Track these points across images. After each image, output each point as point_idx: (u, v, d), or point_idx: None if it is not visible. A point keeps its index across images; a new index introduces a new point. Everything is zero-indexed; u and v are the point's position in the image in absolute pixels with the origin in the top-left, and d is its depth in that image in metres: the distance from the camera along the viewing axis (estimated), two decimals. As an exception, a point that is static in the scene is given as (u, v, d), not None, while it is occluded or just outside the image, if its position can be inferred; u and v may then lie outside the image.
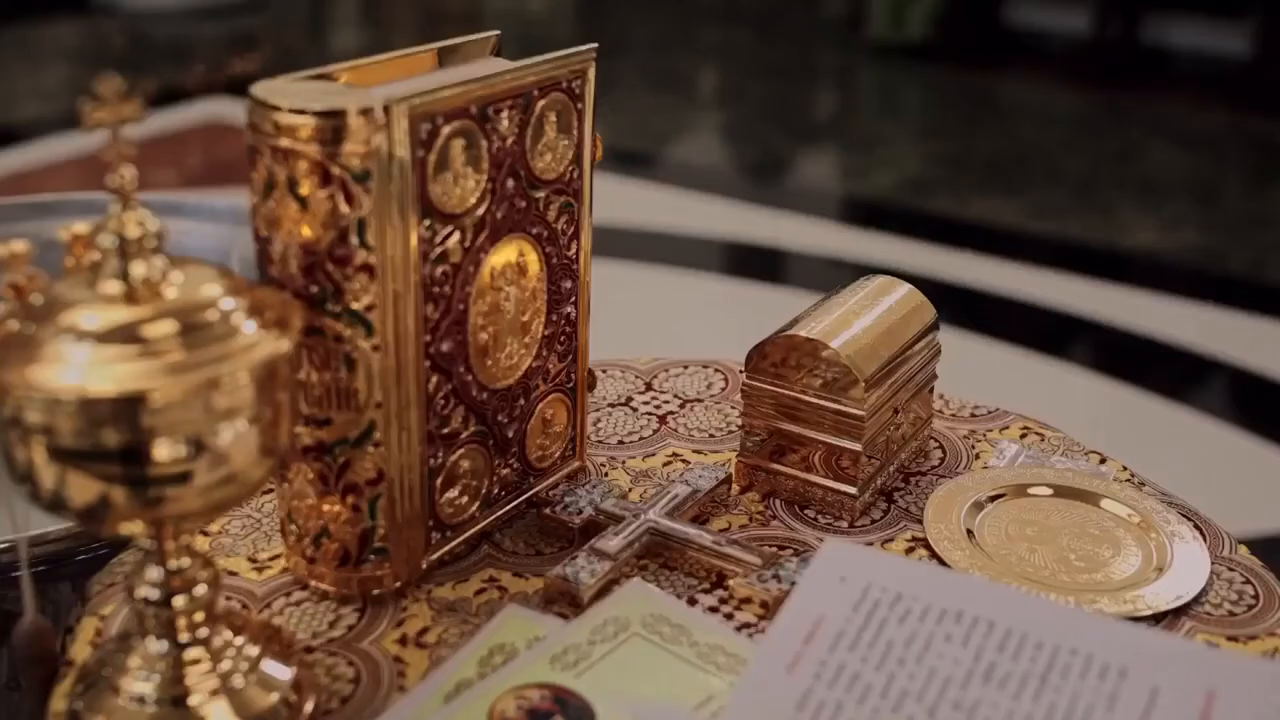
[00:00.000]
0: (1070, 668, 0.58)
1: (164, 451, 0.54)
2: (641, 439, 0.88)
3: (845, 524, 0.79)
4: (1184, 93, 4.40)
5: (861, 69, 5.02)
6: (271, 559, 0.74)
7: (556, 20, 5.94)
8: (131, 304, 0.54)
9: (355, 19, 6.21)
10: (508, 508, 0.77)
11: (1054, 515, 0.80)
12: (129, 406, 0.52)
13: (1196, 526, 0.79)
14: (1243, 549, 0.78)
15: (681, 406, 0.92)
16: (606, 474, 0.83)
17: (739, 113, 4.43)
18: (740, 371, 0.82)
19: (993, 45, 4.87)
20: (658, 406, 0.92)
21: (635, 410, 0.92)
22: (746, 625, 0.70)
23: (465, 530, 0.74)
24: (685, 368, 0.98)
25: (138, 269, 0.54)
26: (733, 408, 0.92)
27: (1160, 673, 0.58)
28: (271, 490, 0.78)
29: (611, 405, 0.92)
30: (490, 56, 0.75)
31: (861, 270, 0.87)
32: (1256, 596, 0.74)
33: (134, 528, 0.57)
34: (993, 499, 0.81)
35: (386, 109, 0.61)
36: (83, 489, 0.54)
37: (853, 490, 0.79)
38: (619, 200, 3.21)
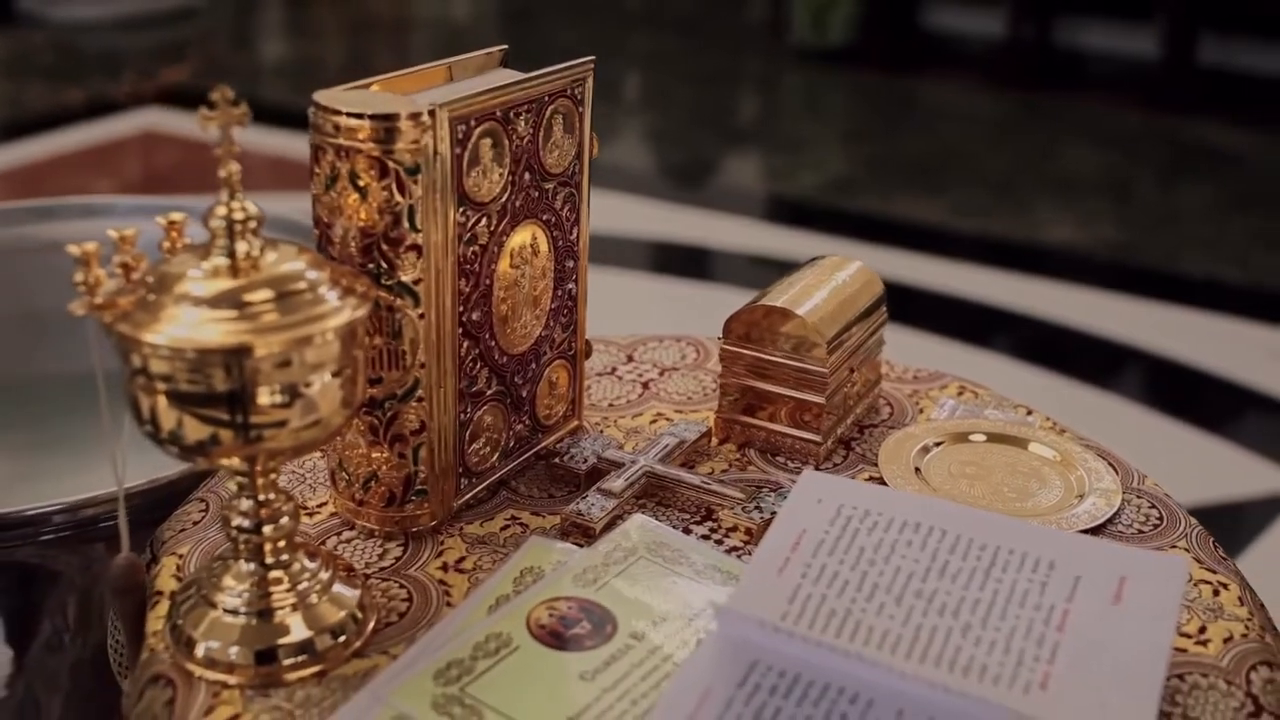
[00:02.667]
0: (1009, 563, 0.71)
1: (264, 398, 0.65)
2: (629, 402, 1.00)
3: (811, 467, 0.92)
4: (1097, 93, 4.61)
5: (785, 73, 5.18)
6: (319, 505, 0.85)
7: (481, 28, 6.03)
8: (235, 276, 0.65)
9: (282, 29, 6.24)
10: (521, 459, 0.89)
11: (989, 457, 0.93)
12: (236, 358, 0.63)
13: (1110, 464, 0.93)
14: (1149, 480, 0.92)
15: (661, 374, 1.04)
16: (602, 431, 0.95)
17: (667, 117, 4.56)
18: (719, 339, 0.94)
19: (912, 49, 5.05)
20: (640, 375, 1.04)
21: (621, 378, 1.03)
22: (735, 549, 0.82)
23: (487, 477, 0.86)
24: (661, 341, 1.10)
25: (241, 246, 0.65)
26: (706, 374, 1.04)
27: (1081, 564, 0.71)
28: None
29: (599, 374, 1.04)
30: (500, 68, 0.86)
31: (792, 267, 0.99)
32: (1161, 518, 0.87)
33: (233, 463, 0.68)
34: (937, 444, 0.94)
35: (432, 113, 0.72)
36: (196, 429, 0.65)
37: (817, 438, 0.91)
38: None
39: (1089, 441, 0.96)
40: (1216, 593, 0.79)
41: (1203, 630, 0.76)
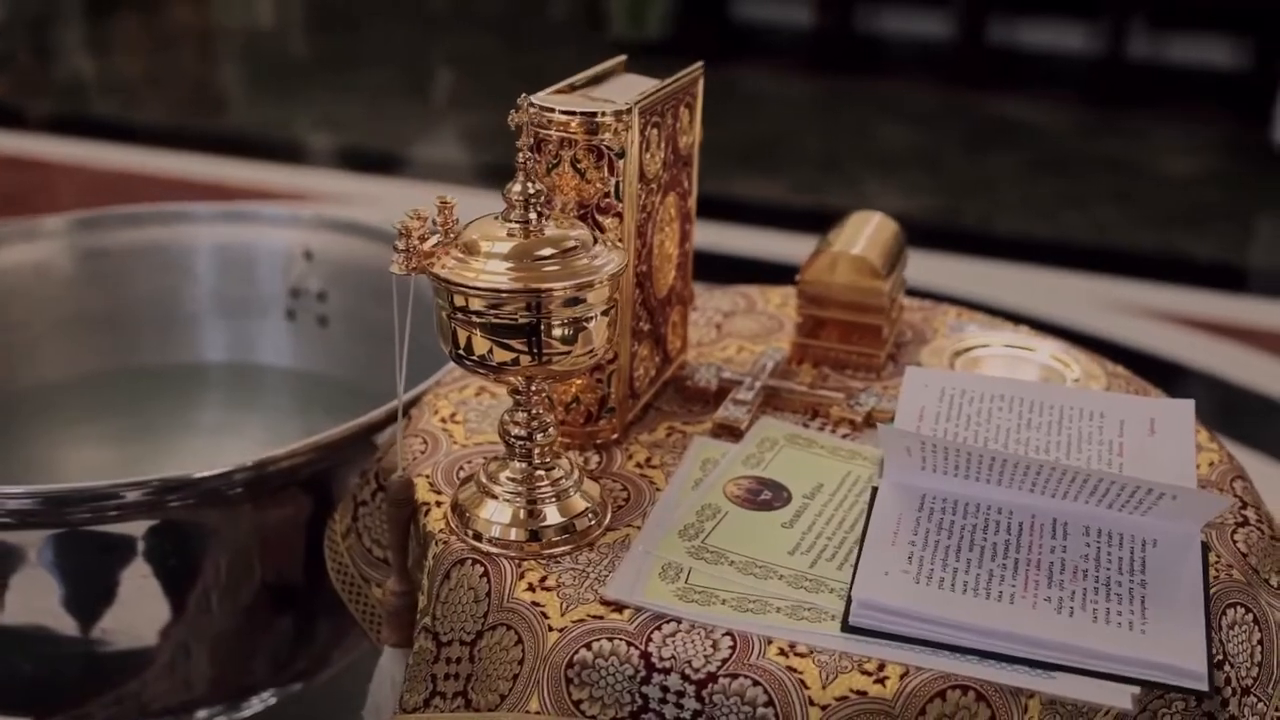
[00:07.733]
0: (1073, 416, 0.98)
1: (556, 330, 0.86)
2: (712, 340, 1.23)
3: (874, 375, 1.17)
4: (899, 74, 5.03)
5: (606, 68, 5.40)
6: (514, 431, 1.05)
7: (287, 34, 6.08)
8: (527, 237, 0.86)
9: (86, 44, 6.13)
10: (658, 385, 1.11)
11: (1005, 359, 1.20)
12: (535, 298, 0.84)
13: (1091, 359, 1.21)
14: (1120, 367, 1.20)
15: (726, 318, 1.28)
16: (705, 364, 1.18)
17: (487, 117, 4.64)
18: (796, 279, 1.18)
19: (726, 40, 5.37)
20: (709, 319, 1.27)
21: (695, 324, 1.26)
22: (845, 436, 1.07)
23: (642, 399, 1.08)
24: (711, 293, 1.33)
25: (530, 214, 0.86)
26: (761, 314, 1.28)
27: (1121, 412, 0.98)
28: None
29: (675, 321, 1.26)
30: (626, 74, 1.08)
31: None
32: (1137, 390, 1.16)
33: (517, 381, 0.89)
34: (966, 350, 1.20)
35: (629, 110, 0.94)
36: (500, 354, 0.85)
37: (878, 353, 1.17)
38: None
39: (1068, 346, 1.24)
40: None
41: (1194, 460, 1.04)
